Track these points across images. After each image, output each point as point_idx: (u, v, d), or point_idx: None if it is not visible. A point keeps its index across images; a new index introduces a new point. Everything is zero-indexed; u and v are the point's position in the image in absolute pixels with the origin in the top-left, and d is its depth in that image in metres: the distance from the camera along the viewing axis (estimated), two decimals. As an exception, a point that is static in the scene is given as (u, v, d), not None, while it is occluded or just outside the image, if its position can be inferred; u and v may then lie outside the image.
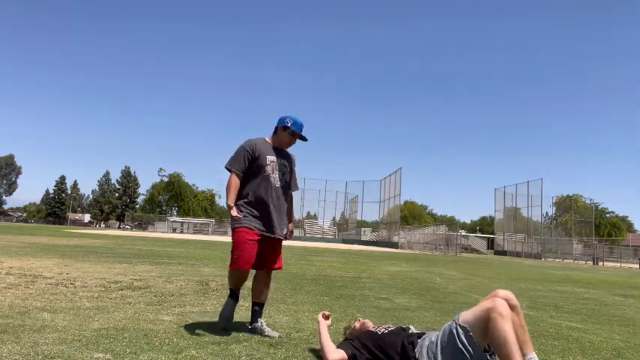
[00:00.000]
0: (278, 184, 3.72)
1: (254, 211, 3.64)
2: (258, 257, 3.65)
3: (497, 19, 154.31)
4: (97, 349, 2.85)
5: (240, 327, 3.73)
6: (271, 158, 3.70)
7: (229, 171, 3.66)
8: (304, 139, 3.84)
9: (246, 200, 3.66)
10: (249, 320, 3.72)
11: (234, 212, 3.58)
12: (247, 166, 3.67)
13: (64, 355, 2.69)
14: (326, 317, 3.16)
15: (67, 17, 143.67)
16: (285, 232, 3.81)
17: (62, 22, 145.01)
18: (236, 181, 3.64)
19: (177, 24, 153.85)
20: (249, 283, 3.90)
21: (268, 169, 3.67)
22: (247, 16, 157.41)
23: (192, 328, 3.59)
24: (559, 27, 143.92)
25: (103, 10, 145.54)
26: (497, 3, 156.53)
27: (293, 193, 3.96)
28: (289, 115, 3.80)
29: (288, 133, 3.76)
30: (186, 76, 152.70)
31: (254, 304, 3.71)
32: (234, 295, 3.73)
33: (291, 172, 3.87)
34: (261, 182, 3.65)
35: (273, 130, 3.86)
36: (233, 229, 3.63)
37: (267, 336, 3.48)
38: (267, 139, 3.84)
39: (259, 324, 3.60)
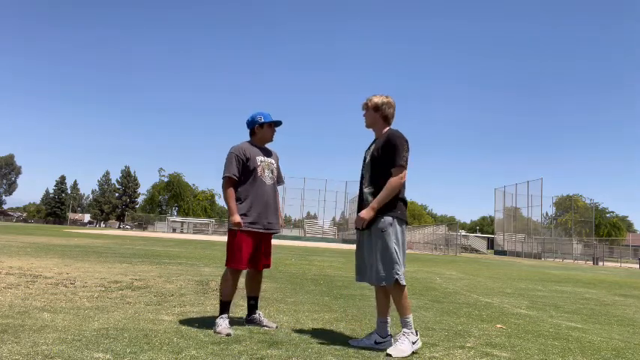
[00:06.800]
0: (269, 182, 3.88)
1: (250, 211, 3.76)
2: (253, 256, 3.80)
3: (498, 20, 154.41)
4: (97, 349, 2.85)
5: (241, 326, 3.73)
6: (260, 159, 3.86)
7: (226, 178, 3.76)
8: (280, 123, 3.99)
9: (241, 203, 3.78)
10: (246, 315, 3.96)
11: (236, 219, 3.68)
12: (241, 171, 3.80)
13: (64, 355, 2.69)
14: None
15: (66, 16, 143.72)
16: (277, 227, 3.96)
17: (62, 21, 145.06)
18: (232, 190, 3.77)
19: (178, 24, 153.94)
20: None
21: (259, 170, 3.83)
22: (248, 16, 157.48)
23: (192, 328, 3.59)
24: (555, 25, 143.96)
25: (104, 9, 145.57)
26: (496, 3, 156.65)
27: (279, 187, 4.14)
28: (252, 114, 3.95)
29: (267, 127, 3.92)
30: (186, 76, 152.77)
31: (250, 298, 3.95)
32: (227, 309, 3.70)
33: (278, 168, 4.06)
34: (254, 183, 3.80)
35: (249, 134, 3.99)
36: (230, 229, 3.78)
37: (265, 326, 3.77)
38: (249, 142, 3.96)
39: (257, 315, 3.88)
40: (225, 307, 3.68)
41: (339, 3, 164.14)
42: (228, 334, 3.40)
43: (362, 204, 3.53)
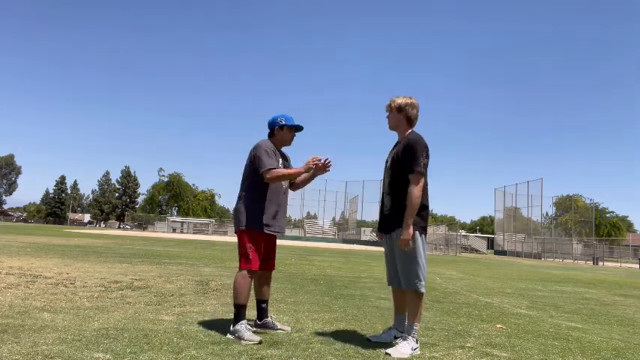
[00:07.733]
0: (285, 186, 3.82)
1: (267, 213, 3.66)
2: (265, 257, 3.73)
3: (498, 20, 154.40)
4: (97, 349, 2.85)
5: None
6: (282, 162, 3.78)
7: (269, 171, 3.57)
8: (302, 128, 3.87)
9: (260, 203, 3.65)
10: (256, 317, 3.80)
11: (308, 163, 3.61)
12: None
13: (64, 355, 2.69)
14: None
15: (66, 16, 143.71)
16: (284, 230, 3.92)
17: (62, 20, 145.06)
18: (278, 169, 3.62)
19: (180, 24, 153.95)
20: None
21: None
22: (247, 16, 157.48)
23: (192, 328, 3.59)
24: (555, 25, 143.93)
25: (104, 9, 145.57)
26: (496, 3, 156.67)
27: None
28: (274, 115, 3.81)
29: (287, 130, 3.80)
30: (186, 76, 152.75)
31: (261, 302, 3.82)
32: (244, 313, 3.53)
33: None
34: (273, 185, 3.70)
35: (267, 135, 3.84)
36: (245, 229, 3.60)
37: (279, 329, 3.69)
38: (271, 142, 3.81)
39: (270, 319, 3.78)
40: (243, 311, 3.51)
41: (336, 3, 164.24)
42: (260, 341, 3.26)
43: (382, 209, 3.65)
